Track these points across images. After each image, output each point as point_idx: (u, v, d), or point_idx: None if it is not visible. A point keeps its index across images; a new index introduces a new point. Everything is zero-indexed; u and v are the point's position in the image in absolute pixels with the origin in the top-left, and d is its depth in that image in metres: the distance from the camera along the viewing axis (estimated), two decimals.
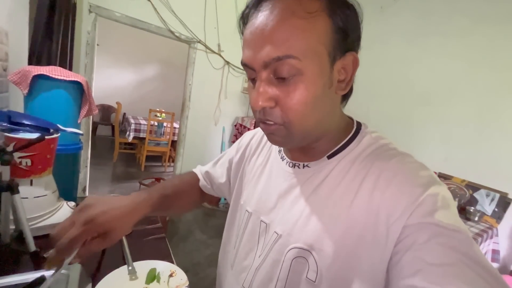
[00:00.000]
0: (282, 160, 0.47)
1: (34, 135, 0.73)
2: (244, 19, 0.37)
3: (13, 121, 0.75)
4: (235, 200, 0.56)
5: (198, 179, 0.66)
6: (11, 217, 0.69)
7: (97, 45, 2.15)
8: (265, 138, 0.55)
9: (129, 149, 4.30)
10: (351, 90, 0.41)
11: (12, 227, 0.72)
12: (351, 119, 0.45)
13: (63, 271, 0.54)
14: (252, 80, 0.37)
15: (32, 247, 0.65)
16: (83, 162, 2.16)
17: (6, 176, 0.63)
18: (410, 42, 2.04)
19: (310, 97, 0.33)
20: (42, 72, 0.82)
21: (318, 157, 0.41)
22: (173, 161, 3.72)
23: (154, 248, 0.85)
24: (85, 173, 2.20)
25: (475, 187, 1.63)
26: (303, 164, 0.43)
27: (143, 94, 5.34)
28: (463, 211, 1.59)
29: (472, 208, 1.57)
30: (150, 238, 0.89)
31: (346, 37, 0.34)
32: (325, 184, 0.39)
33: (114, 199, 0.43)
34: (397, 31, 2.14)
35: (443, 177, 1.77)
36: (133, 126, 3.69)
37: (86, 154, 2.17)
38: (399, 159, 0.35)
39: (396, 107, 2.12)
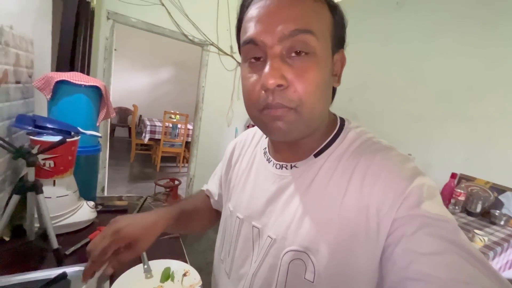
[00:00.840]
0: (269, 162, 0.46)
1: (57, 138, 0.77)
2: (249, 1, 0.36)
3: (38, 125, 0.79)
4: (225, 208, 0.55)
5: (209, 198, 0.66)
6: (36, 215, 0.73)
7: (115, 50, 2.23)
8: (248, 141, 0.56)
9: (145, 150, 4.42)
10: (334, 92, 0.42)
11: (37, 225, 0.76)
12: (335, 115, 0.45)
13: (83, 268, 0.57)
14: (255, 60, 0.35)
15: (55, 244, 0.68)
16: (101, 163, 2.24)
17: (31, 177, 0.67)
18: (428, 38, 1.97)
19: (321, 79, 0.34)
20: (63, 78, 0.86)
21: (305, 156, 0.41)
22: (187, 162, 3.80)
23: (168, 247, 0.87)
24: (103, 173, 2.28)
25: (500, 189, 1.55)
26: (291, 165, 0.42)
27: (159, 96, 5.48)
28: (487, 215, 1.51)
29: (497, 211, 1.48)
30: (165, 237, 0.91)
31: (341, 33, 0.37)
32: (315, 183, 0.39)
33: (139, 215, 0.48)
34: (414, 27, 2.07)
35: (465, 178, 1.69)
36: (148, 128, 3.80)
37: (104, 156, 2.26)
38: (384, 153, 0.36)
39: (413, 106, 2.04)
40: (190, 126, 3.89)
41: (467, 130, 1.73)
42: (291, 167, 0.42)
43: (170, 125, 3.81)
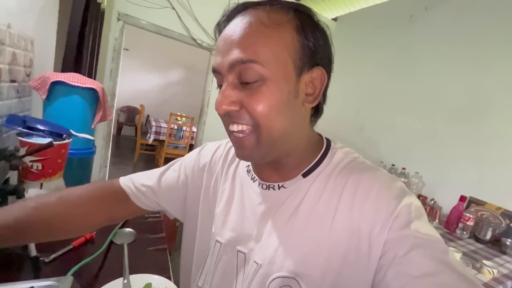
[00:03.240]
0: (254, 182, 0.44)
1: (47, 140, 0.75)
2: (220, 29, 0.38)
3: (29, 126, 0.78)
4: (202, 226, 0.49)
5: (115, 189, 0.53)
6: None
7: (127, 50, 2.24)
8: (230, 154, 0.50)
9: (150, 151, 4.44)
10: (321, 110, 0.41)
11: None
12: (320, 136, 0.44)
13: (52, 283, 0.54)
14: (220, 87, 0.37)
15: (33, 252, 0.66)
16: (103, 162, 2.24)
17: (14, 180, 0.64)
18: (442, 54, 1.90)
19: (274, 100, 0.33)
20: (60, 79, 0.85)
21: (292, 176, 0.40)
22: None
23: (153, 259, 0.83)
24: (104, 172, 2.28)
25: None
26: (279, 185, 0.41)
27: (167, 97, 5.53)
28: (498, 243, 1.42)
29: (509, 240, 1.39)
30: (151, 249, 0.88)
31: (314, 52, 0.35)
32: (303, 205, 0.38)
33: None
34: (427, 42, 2.01)
35: (475, 202, 1.60)
36: (154, 129, 3.81)
37: (106, 154, 2.26)
38: (372, 172, 0.36)
39: (424, 122, 1.97)
40: (195, 129, 3.89)
41: (480, 151, 1.64)
42: (279, 188, 0.40)
43: (175, 127, 3.81)
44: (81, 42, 1.60)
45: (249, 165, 0.47)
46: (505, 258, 1.31)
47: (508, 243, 1.37)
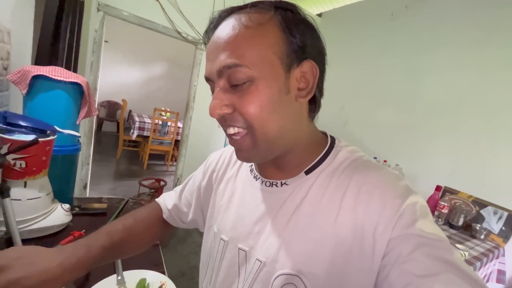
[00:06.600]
0: (256, 180, 0.45)
1: (30, 137, 0.72)
2: (209, 36, 0.38)
3: (10, 122, 0.74)
4: (208, 228, 0.51)
5: (161, 212, 0.60)
6: (2, 218, 0.68)
7: (106, 42, 2.15)
8: (233, 157, 0.53)
9: (133, 147, 4.32)
10: (319, 104, 0.41)
11: (3, 229, 0.71)
12: (325, 134, 0.45)
13: None
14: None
15: None
16: (85, 159, 2.16)
17: None
18: (421, 52, 2.00)
19: (264, 100, 0.34)
20: (41, 73, 0.81)
21: (295, 173, 0.40)
22: (175, 160, 3.73)
23: (146, 255, 0.83)
24: (86, 170, 2.20)
25: (482, 204, 1.58)
26: (281, 182, 0.41)
27: (150, 92, 5.37)
28: (469, 228, 1.54)
29: (478, 225, 1.51)
30: None
31: (302, 47, 0.35)
32: (306, 201, 0.38)
33: (39, 257, 0.36)
34: (407, 39, 2.10)
35: (449, 191, 1.72)
36: (137, 124, 3.71)
37: (88, 152, 2.18)
38: (376, 172, 0.36)
39: (404, 117, 2.07)
40: (180, 124, 3.82)
41: (454, 143, 1.76)
42: (282, 185, 0.41)
43: (160, 123, 3.73)
44: (57, 33, 1.52)
45: (252, 165, 0.48)
46: (475, 242, 1.43)
47: (477, 228, 1.49)
